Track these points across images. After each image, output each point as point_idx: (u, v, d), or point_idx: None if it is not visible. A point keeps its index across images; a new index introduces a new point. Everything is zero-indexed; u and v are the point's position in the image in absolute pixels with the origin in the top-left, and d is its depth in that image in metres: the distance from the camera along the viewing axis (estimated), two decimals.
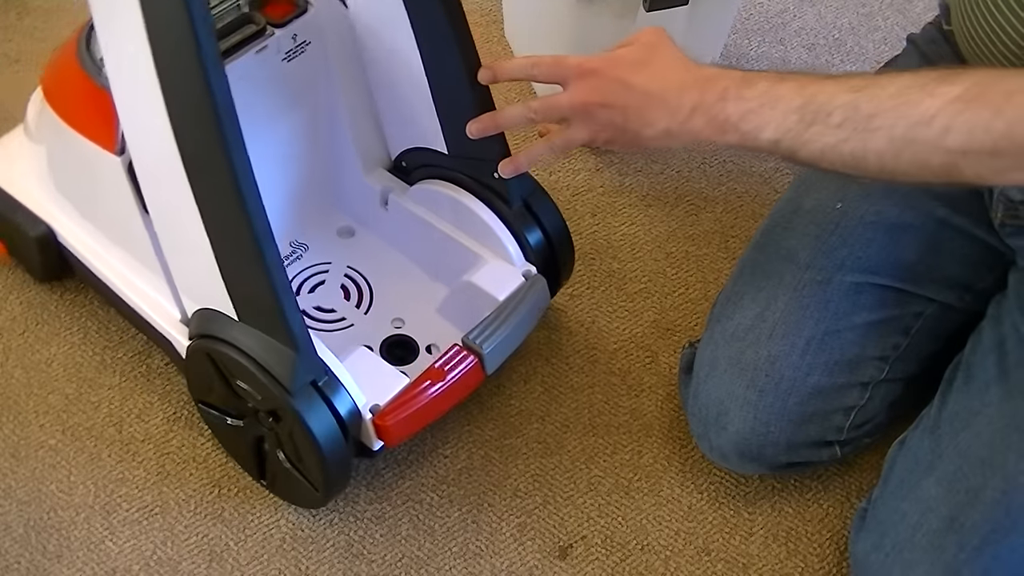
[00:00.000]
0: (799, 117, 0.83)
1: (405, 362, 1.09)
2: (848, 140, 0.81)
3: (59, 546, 1.04)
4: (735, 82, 0.86)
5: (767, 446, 1.03)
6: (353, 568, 1.04)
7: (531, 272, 1.07)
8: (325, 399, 0.94)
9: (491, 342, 1.02)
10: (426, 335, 1.11)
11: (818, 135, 0.82)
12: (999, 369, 0.95)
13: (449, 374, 1.00)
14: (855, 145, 0.81)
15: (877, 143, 0.80)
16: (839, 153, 0.82)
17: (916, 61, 1.09)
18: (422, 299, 1.14)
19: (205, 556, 1.04)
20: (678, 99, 0.87)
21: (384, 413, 0.98)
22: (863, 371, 1.03)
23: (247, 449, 1.03)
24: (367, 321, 1.13)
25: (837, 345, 1.02)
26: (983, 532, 0.90)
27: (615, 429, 1.14)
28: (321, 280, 1.16)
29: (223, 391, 0.99)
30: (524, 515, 1.08)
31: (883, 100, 0.80)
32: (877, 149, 0.81)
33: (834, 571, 1.06)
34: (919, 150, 0.79)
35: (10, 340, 1.17)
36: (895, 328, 1.04)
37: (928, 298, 1.04)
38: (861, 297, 1.03)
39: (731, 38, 1.50)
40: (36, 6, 1.47)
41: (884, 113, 0.80)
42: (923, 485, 0.95)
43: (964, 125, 0.77)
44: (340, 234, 1.20)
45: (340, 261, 1.18)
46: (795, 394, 1.01)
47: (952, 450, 0.94)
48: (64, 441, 1.10)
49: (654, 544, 1.07)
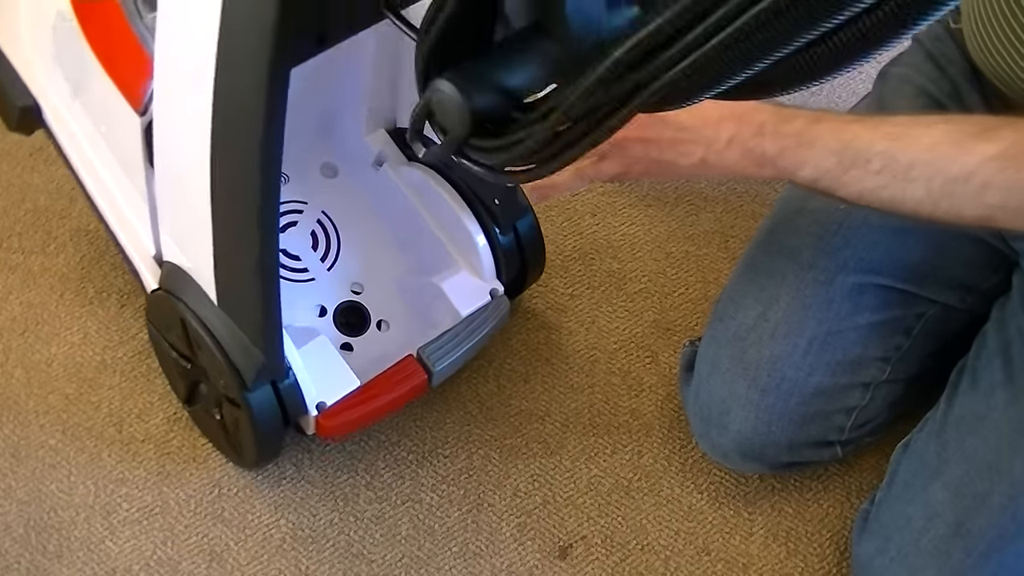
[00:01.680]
0: (838, 160, 0.85)
1: (354, 332, 1.08)
2: (887, 187, 0.83)
3: (59, 546, 1.04)
4: (772, 117, 0.87)
5: (769, 446, 1.03)
6: (353, 568, 1.04)
7: (497, 292, 1.07)
8: (279, 398, 0.96)
9: (444, 361, 1.02)
10: (380, 310, 1.10)
11: (856, 179, 0.84)
12: (1005, 373, 0.94)
13: (397, 386, 1.01)
14: (894, 192, 0.83)
15: (915, 192, 0.82)
16: (878, 197, 0.85)
17: (921, 58, 1.08)
18: (386, 270, 1.12)
19: (205, 556, 1.04)
20: (715, 131, 0.89)
21: (329, 413, 0.98)
22: (865, 372, 1.03)
23: (183, 382, 1.05)
24: (328, 278, 1.11)
25: (839, 345, 1.02)
26: (990, 538, 0.90)
27: (615, 429, 1.14)
28: (294, 221, 1.14)
29: (181, 341, 1.00)
30: (524, 515, 1.08)
31: (920, 152, 0.82)
32: (915, 197, 0.83)
33: (834, 571, 1.06)
34: (956, 203, 0.81)
35: (10, 340, 1.17)
36: (897, 329, 1.04)
37: (931, 299, 1.04)
38: (864, 298, 1.03)
39: None
40: None
41: (922, 165, 0.81)
42: (929, 490, 0.94)
43: (1003, 183, 0.79)
44: (323, 171, 1.17)
45: (316, 203, 1.15)
46: (797, 394, 1.01)
47: (959, 455, 0.94)
48: (64, 441, 1.10)
49: (654, 544, 1.07)
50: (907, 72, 1.08)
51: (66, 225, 1.25)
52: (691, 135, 0.90)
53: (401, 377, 1.01)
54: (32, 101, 1.11)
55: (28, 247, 1.24)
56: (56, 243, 1.24)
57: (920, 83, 1.06)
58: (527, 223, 1.09)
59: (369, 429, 1.12)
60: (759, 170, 0.89)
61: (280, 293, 0.89)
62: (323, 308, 1.08)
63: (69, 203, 1.27)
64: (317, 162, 1.17)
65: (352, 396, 0.99)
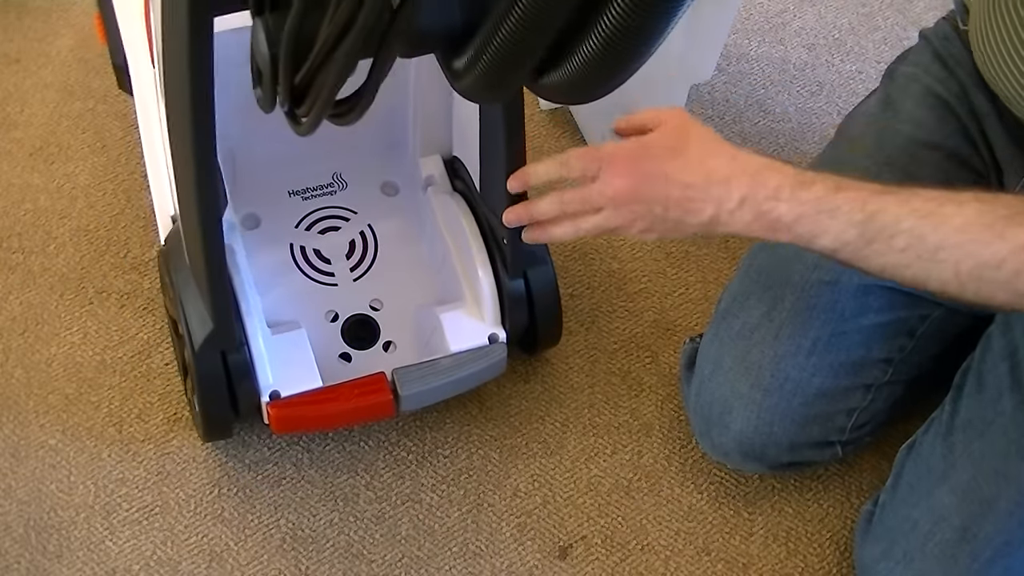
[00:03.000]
0: (859, 232, 0.81)
1: (359, 345, 1.08)
2: (911, 266, 0.80)
3: (59, 546, 1.04)
4: (789, 180, 0.83)
5: (770, 446, 1.03)
6: (353, 568, 1.04)
7: (497, 337, 1.05)
8: (225, 370, 0.96)
9: (413, 388, 1.00)
10: (392, 331, 1.10)
11: (879, 253, 0.81)
12: (1012, 378, 0.94)
13: (358, 399, 1.00)
14: (917, 271, 0.80)
15: (942, 274, 0.79)
16: (900, 274, 0.82)
17: (928, 58, 1.08)
18: (409, 295, 1.12)
19: (205, 556, 1.04)
20: (726, 190, 0.84)
21: (280, 404, 0.98)
22: (868, 373, 1.03)
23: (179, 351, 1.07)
24: (350, 288, 1.12)
25: (844, 347, 1.01)
26: (996, 544, 0.89)
27: (615, 429, 1.14)
28: (338, 227, 1.15)
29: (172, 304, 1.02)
30: (524, 515, 1.08)
31: (949, 234, 0.78)
32: (941, 279, 0.80)
33: (834, 571, 1.06)
34: (984, 287, 0.78)
35: (10, 340, 1.17)
36: (901, 330, 1.03)
37: (935, 301, 1.04)
38: (869, 299, 1.02)
39: (731, 38, 1.50)
40: (36, 6, 1.47)
41: (951, 248, 0.78)
42: (936, 493, 0.94)
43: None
44: (383, 188, 1.18)
45: (365, 216, 1.16)
46: (800, 395, 1.01)
47: (965, 459, 0.94)
48: (64, 441, 1.10)
49: (654, 544, 1.07)
50: (915, 71, 1.08)
51: (66, 225, 1.25)
52: (699, 193, 0.85)
53: (365, 391, 1.00)
54: (123, 60, 1.12)
55: (28, 247, 1.24)
56: (56, 243, 1.24)
57: (928, 83, 1.06)
58: (542, 274, 1.06)
59: (369, 429, 1.12)
60: (773, 234, 0.84)
61: (224, 261, 0.90)
62: (336, 314, 1.08)
63: (69, 203, 1.27)
64: (379, 178, 1.18)
65: (309, 394, 0.99)
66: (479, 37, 0.64)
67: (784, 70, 1.48)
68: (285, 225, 1.14)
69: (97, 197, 1.28)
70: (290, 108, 0.68)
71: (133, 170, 1.29)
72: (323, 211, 1.16)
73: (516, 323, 1.06)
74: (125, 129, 1.33)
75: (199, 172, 0.79)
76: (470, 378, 1.04)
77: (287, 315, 1.07)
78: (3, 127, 1.28)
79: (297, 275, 1.10)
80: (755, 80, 1.47)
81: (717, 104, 1.43)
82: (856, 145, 1.08)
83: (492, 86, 0.66)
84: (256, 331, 0.99)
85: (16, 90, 1.37)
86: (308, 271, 1.12)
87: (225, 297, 0.93)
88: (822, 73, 1.48)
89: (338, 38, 0.60)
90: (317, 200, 1.16)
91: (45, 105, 1.36)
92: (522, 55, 0.63)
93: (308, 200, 1.16)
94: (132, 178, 1.29)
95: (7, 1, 1.47)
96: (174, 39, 0.72)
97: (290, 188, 1.16)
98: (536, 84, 0.66)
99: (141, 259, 1.23)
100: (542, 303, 1.07)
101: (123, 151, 1.31)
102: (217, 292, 0.91)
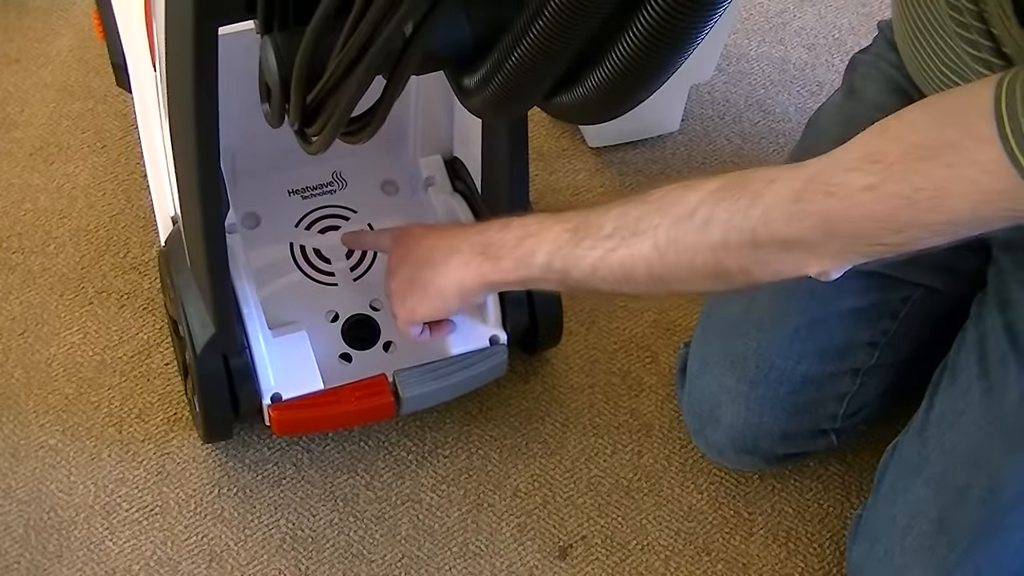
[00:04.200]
0: (571, 235, 0.82)
1: (359, 346, 1.08)
2: (616, 249, 0.79)
3: (59, 546, 1.04)
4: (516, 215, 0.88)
5: (762, 437, 1.03)
6: (353, 568, 1.04)
7: (498, 339, 1.04)
8: (228, 374, 0.97)
9: (414, 391, 1.00)
10: (392, 331, 1.09)
11: (589, 249, 0.81)
12: (980, 367, 0.94)
13: (359, 401, 1.00)
14: (623, 254, 0.79)
15: (642, 247, 0.78)
16: (608, 265, 0.80)
17: (885, 47, 1.07)
18: None
19: (205, 556, 1.04)
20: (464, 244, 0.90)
21: (281, 407, 0.98)
22: (853, 357, 1.03)
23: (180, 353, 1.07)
24: (351, 288, 1.11)
25: (825, 332, 1.02)
26: (972, 532, 0.90)
27: (615, 429, 1.14)
28: (338, 225, 1.14)
29: (172, 304, 1.02)
30: (524, 515, 1.08)
31: (650, 202, 0.79)
32: (643, 254, 0.78)
33: (834, 571, 1.06)
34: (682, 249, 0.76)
35: (10, 340, 1.17)
36: (884, 313, 1.03)
37: (913, 283, 1.04)
38: (846, 283, 1.01)
39: (731, 38, 1.50)
40: (36, 6, 1.47)
41: (650, 215, 0.78)
42: (912, 488, 0.95)
43: (722, 215, 0.74)
44: (384, 187, 1.18)
45: (366, 214, 1.15)
46: (786, 383, 1.02)
47: (938, 451, 0.94)
48: (64, 441, 1.10)
49: (654, 544, 1.07)
50: (874, 59, 1.08)
51: (66, 225, 1.25)
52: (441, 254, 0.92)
53: (366, 393, 1.00)
54: (122, 60, 1.11)
55: (28, 247, 1.24)
56: (56, 243, 1.24)
57: (885, 69, 1.06)
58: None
59: (369, 429, 1.12)
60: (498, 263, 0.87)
61: (227, 267, 0.90)
62: (336, 315, 1.08)
63: (69, 203, 1.27)
64: (379, 177, 1.18)
65: (311, 397, 0.99)
66: (491, 59, 0.64)
67: (784, 70, 1.48)
68: (285, 224, 1.14)
69: (97, 197, 1.28)
70: (300, 127, 0.68)
71: (133, 170, 1.29)
72: (323, 210, 1.15)
73: (517, 324, 1.06)
74: (125, 129, 1.33)
75: (202, 180, 0.80)
76: (471, 380, 1.04)
77: (287, 315, 1.06)
78: (3, 127, 1.28)
79: (297, 275, 1.10)
80: (755, 80, 1.47)
81: (717, 104, 1.43)
82: (824, 135, 1.08)
83: (502, 107, 0.67)
84: (257, 333, 0.99)
85: (16, 90, 1.37)
86: (308, 271, 1.12)
87: (227, 303, 0.93)
88: (822, 73, 1.48)
89: (353, 62, 0.60)
90: (317, 199, 1.16)
91: (45, 105, 1.36)
92: (535, 79, 0.63)
93: (308, 199, 1.16)
94: (132, 178, 1.29)
95: (7, 1, 1.47)
96: (178, 47, 0.72)
97: (290, 187, 1.16)
98: (547, 104, 0.67)
99: (141, 259, 1.23)
100: (542, 304, 1.07)
101: (123, 151, 1.31)
102: (220, 298, 0.91)
